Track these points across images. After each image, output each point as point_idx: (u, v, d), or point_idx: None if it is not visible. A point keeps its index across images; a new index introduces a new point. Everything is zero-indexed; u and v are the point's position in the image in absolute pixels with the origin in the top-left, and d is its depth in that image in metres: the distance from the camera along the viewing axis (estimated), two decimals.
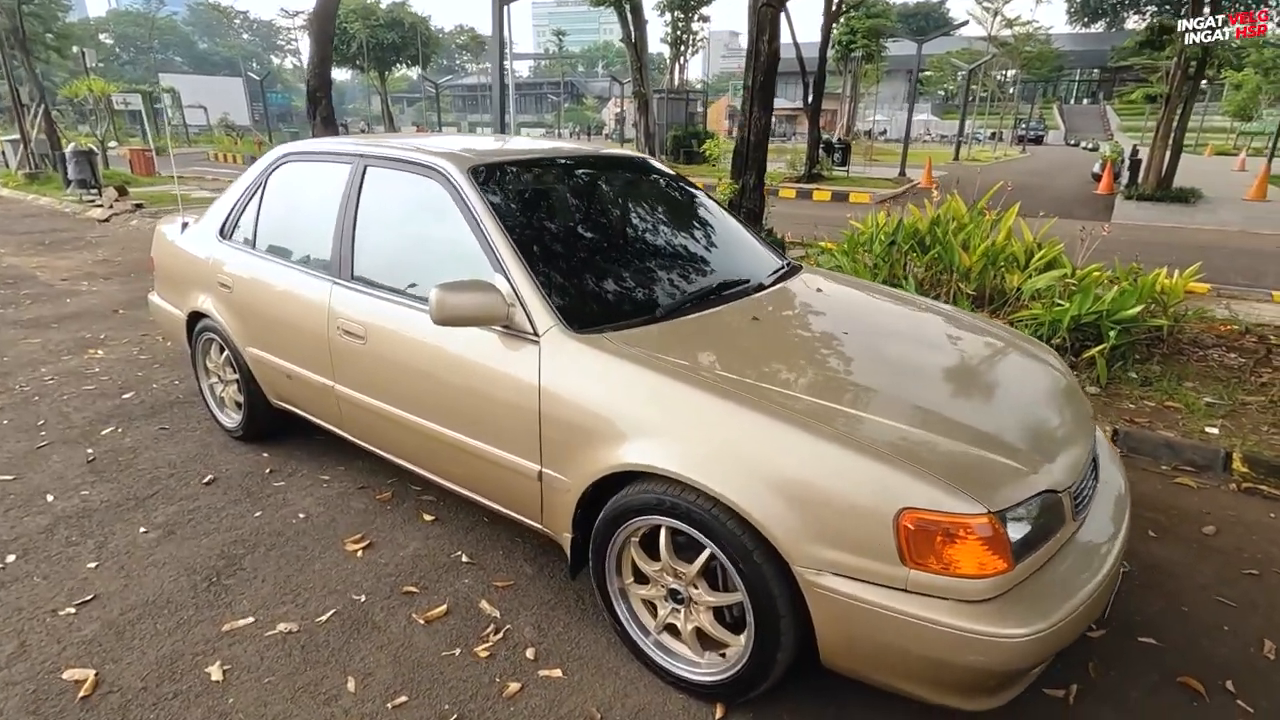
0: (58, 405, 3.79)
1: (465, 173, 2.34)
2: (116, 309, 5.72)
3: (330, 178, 2.80)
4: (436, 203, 2.40)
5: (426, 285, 2.30)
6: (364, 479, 3.07)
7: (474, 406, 2.17)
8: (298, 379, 2.82)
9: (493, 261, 2.16)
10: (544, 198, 2.55)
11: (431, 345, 2.24)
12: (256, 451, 3.30)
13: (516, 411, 2.05)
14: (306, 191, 2.94)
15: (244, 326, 3.02)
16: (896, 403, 1.82)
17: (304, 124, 41.79)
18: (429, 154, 2.46)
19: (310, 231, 2.84)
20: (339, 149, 2.80)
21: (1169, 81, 13.52)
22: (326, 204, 2.79)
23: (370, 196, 2.60)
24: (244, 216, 3.10)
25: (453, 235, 2.34)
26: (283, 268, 2.82)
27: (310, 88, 11.15)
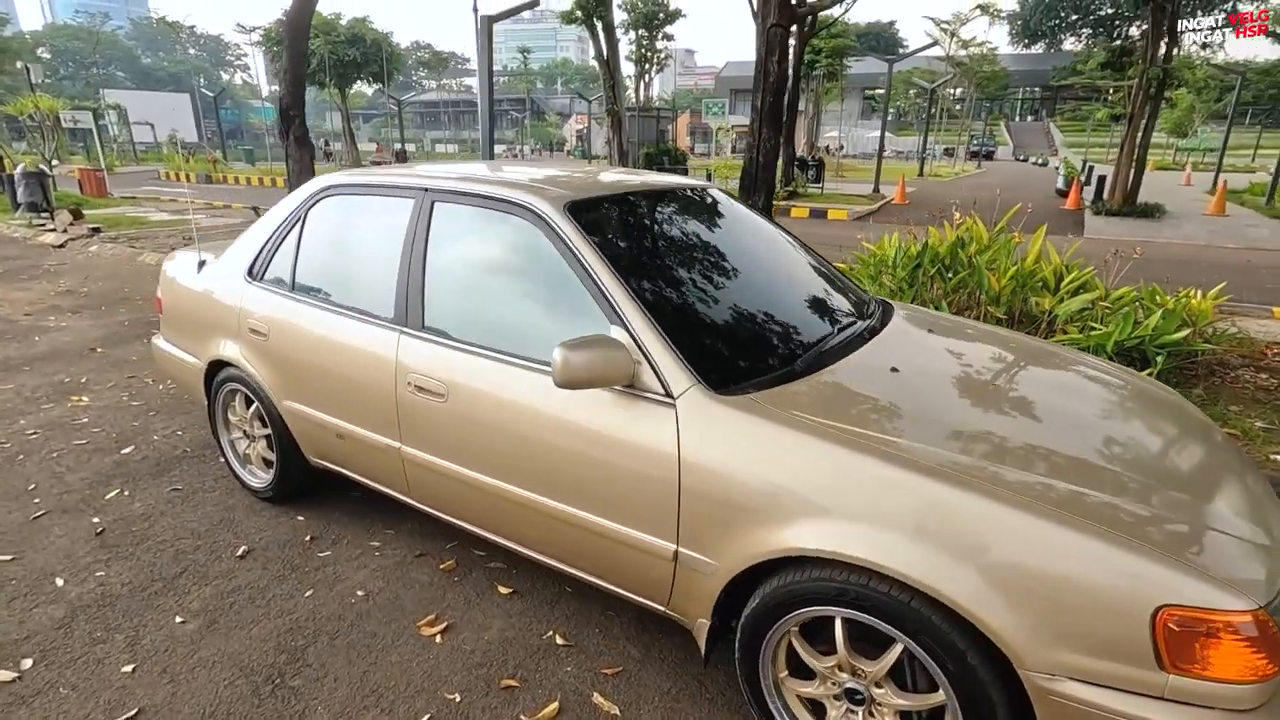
0: (48, 464, 3.38)
1: (561, 210, 2.10)
2: (93, 347, 5.25)
3: (387, 214, 2.53)
4: (526, 244, 2.16)
5: (518, 337, 2.07)
6: (419, 544, 2.76)
7: (589, 477, 1.92)
8: (351, 438, 2.52)
9: (607, 311, 1.92)
10: (645, 235, 2.31)
11: (536, 407, 1.98)
12: (289, 515, 2.96)
13: (646, 484, 1.81)
14: (357, 229, 2.65)
15: (281, 378, 2.70)
16: (1104, 474, 1.64)
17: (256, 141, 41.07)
18: (514, 189, 2.21)
19: (364, 274, 2.56)
20: (397, 182, 2.52)
21: (1131, 101, 13.98)
22: (384, 243, 2.51)
23: (442, 236, 2.33)
24: (278, 256, 2.78)
25: (549, 281, 2.10)
26: (332, 314, 2.52)
27: (283, 105, 10.72)
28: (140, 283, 7.64)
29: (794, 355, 2.03)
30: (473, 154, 53.56)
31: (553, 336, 2.00)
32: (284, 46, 10.92)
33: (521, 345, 2.07)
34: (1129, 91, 14.48)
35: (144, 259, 8.91)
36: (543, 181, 2.31)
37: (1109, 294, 4.91)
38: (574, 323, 2.00)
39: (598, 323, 1.93)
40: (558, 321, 2.06)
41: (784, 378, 1.90)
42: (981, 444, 1.71)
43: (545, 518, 2.04)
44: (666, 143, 23.39)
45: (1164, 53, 13.28)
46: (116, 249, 9.54)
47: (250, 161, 34.40)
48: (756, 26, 6.45)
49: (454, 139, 58.19)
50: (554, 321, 2.07)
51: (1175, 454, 1.89)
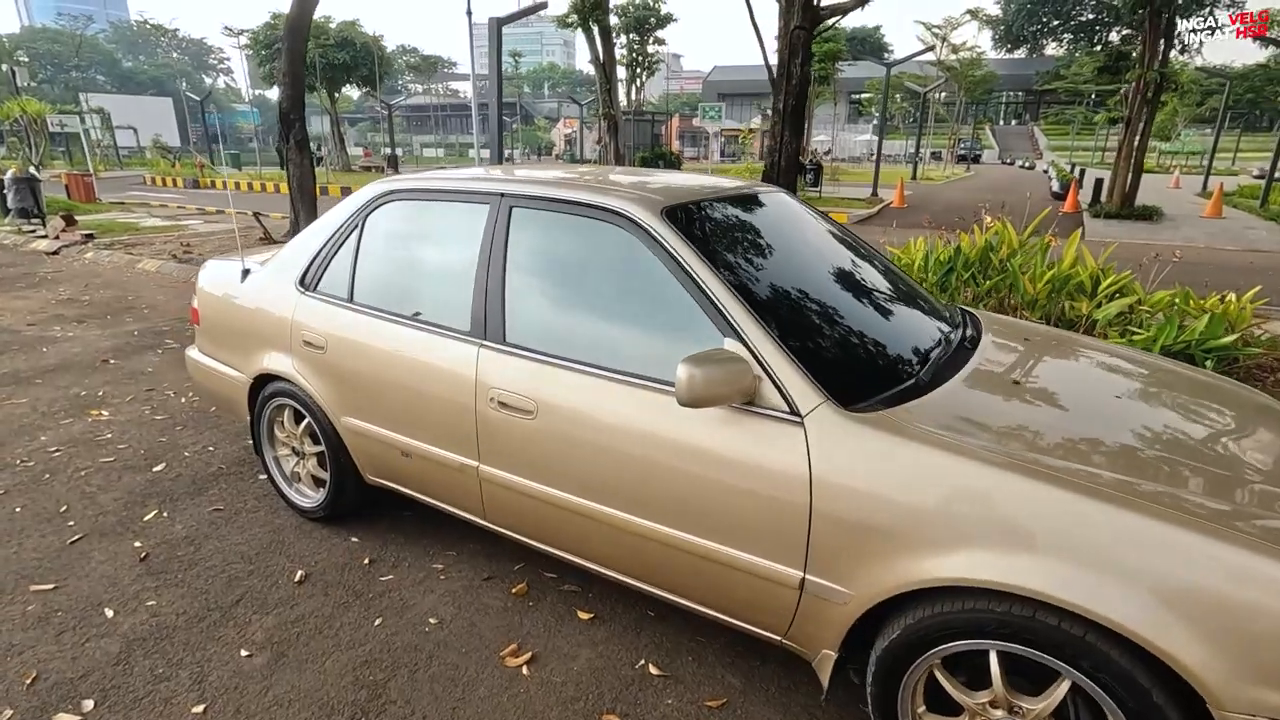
0: (77, 485, 3.21)
1: (659, 216, 1.99)
2: (105, 358, 5.06)
3: (458, 220, 2.41)
4: (620, 252, 2.05)
5: (616, 352, 1.96)
6: (485, 565, 2.63)
7: (704, 500, 1.80)
8: (419, 457, 2.39)
9: (718, 323, 1.81)
10: (743, 241, 2.21)
11: (641, 426, 1.87)
12: (342, 535, 2.82)
13: (771, 507, 1.70)
14: (423, 236, 2.52)
15: (339, 394, 2.57)
16: (1267, 494, 1.55)
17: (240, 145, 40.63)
18: (604, 194, 2.09)
19: (434, 284, 2.43)
20: (467, 186, 2.40)
21: (1128, 105, 14.09)
22: (456, 252, 2.39)
23: (522, 244, 2.21)
24: (334, 264, 2.65)
25: (648, 291, 1.99)
26: (399, 327, 2.39)
27: (283, 109, 10.57)
28: (143, 290, 7.43)
29: (912, 368, 1.94)
30: (461, 158, 53.27)
31: (656, 351, 1.91)
32: (283, 49, 10.77)
33: (621, 360, 1.95)
34: (1125, 95, 14.60)
35: (143, 266, 8.68)
36: (629, 186, 2.20)
37: (1147, 298, 4.88)
38: (679, 336, 1.89)
39: (706, 335, 1.83)
40: (661, 335, 1.95)
41: (909, 392, 1.80)
42: (1139, 462, 1.62)
43: (647, 542, 1.93)
44: (661, 146, 23.34)
45: (1160, 57, 13.40)
46: (114, 256, 9.30)
47: (237, 166, 33.95)
48: (779, 29, 6.38)
49: (441, 143, 57.80)
50: (656, 335, 1.96)
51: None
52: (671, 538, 1.87)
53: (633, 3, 29.51)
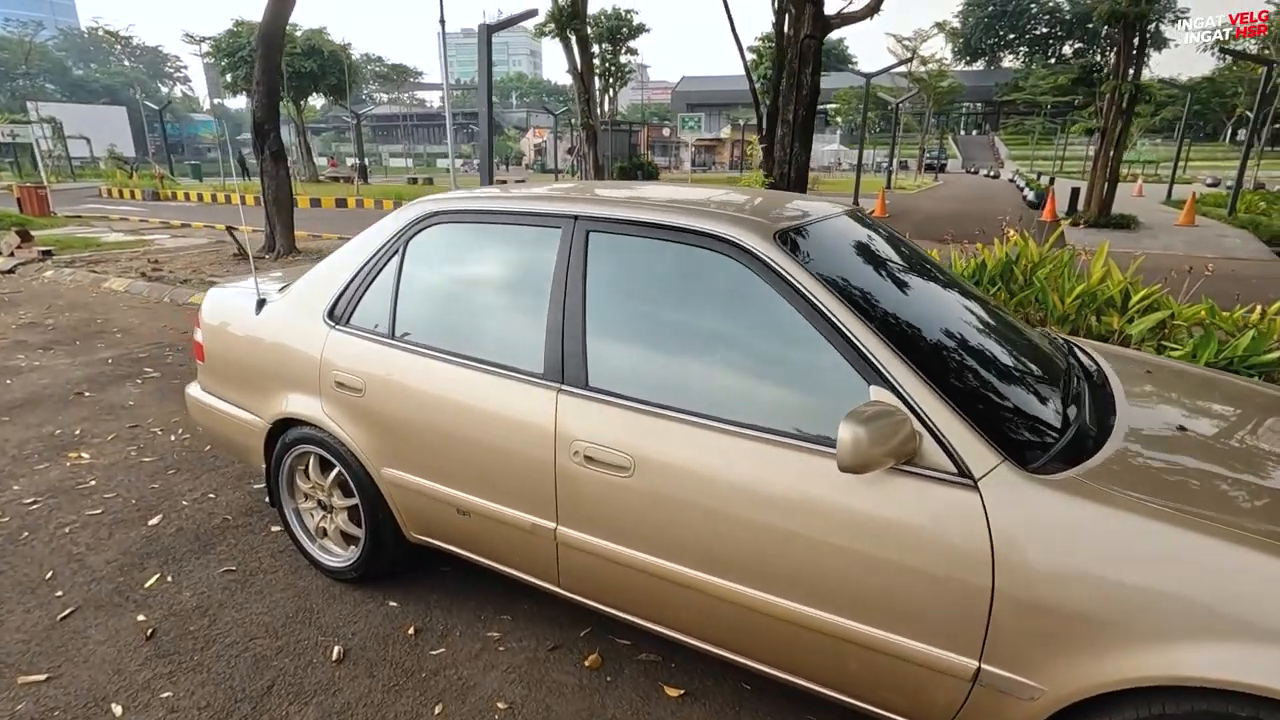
0: (62, 544, 2.83)
1: (773, 242, 1.74)
2: (79, 391, 4.62)
3: (522, 246, 2.13)
4: (727, 284, 1.79)
5: (728, 400, 1.71)
6: (547, 632, 2.34)
7: (850, 575, 1.55)
8: (480, 516, 2.09)
9: (861, 368, 1.56)
10: (862, 273, 1.95)
11: (772, 489, 1.61)
12: (377, 599, 2.50)
13: (938, 586, 1.45)
14: (478, 264, 2.23)
15: (381, 443, 2.26)
16: None
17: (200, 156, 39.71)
18: (704, 217, 1.84)
19: (495, 319, 2.15)
20: (530, 208, 2.12)
21: (1104, 116, 14.33)
22: (522, 282, 2.11)
23: (604, 274, 1.94)
24: (369, 295, 2.34)
25: (764, 330, 1.75)
26: (455, 367, 2.09)
27: (256, 119, 10.13)
28: (112, 312, 6.94)
29: (1067, 417, 1.71)
30: (429, 168, 52.55)
31: (783, 401, 1.67)
32: (256, 58, 10.34)
33: (737, 411, 1.69)
34: (1100, 107, 14.86)
35: (110, 285, 8.15)
36: (728, 207, 1.95)
37: (1180, 312, 4.79)
38: (810, 383, 1.66)
39: (842, 382, 1.58)
40: (787, 381, 1.71)
41: (1078, 447, 1.58)
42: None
43: (771, 621, 1.67)
44: (638, 156, 23.18)
45: (1134, 68, 13.65)
46: (76, 274, 8.73)
47: (198, 177, 32.90)
48: (789, 37, 6.22)
49: (408, 153, 56.96)
50: (781, 381, 1.72)
51: None
52: (806, 618, 1.61)
53: (604, 13, 29.42)
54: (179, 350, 5.58)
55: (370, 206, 20.47)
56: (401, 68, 50.21)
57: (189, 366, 5.14)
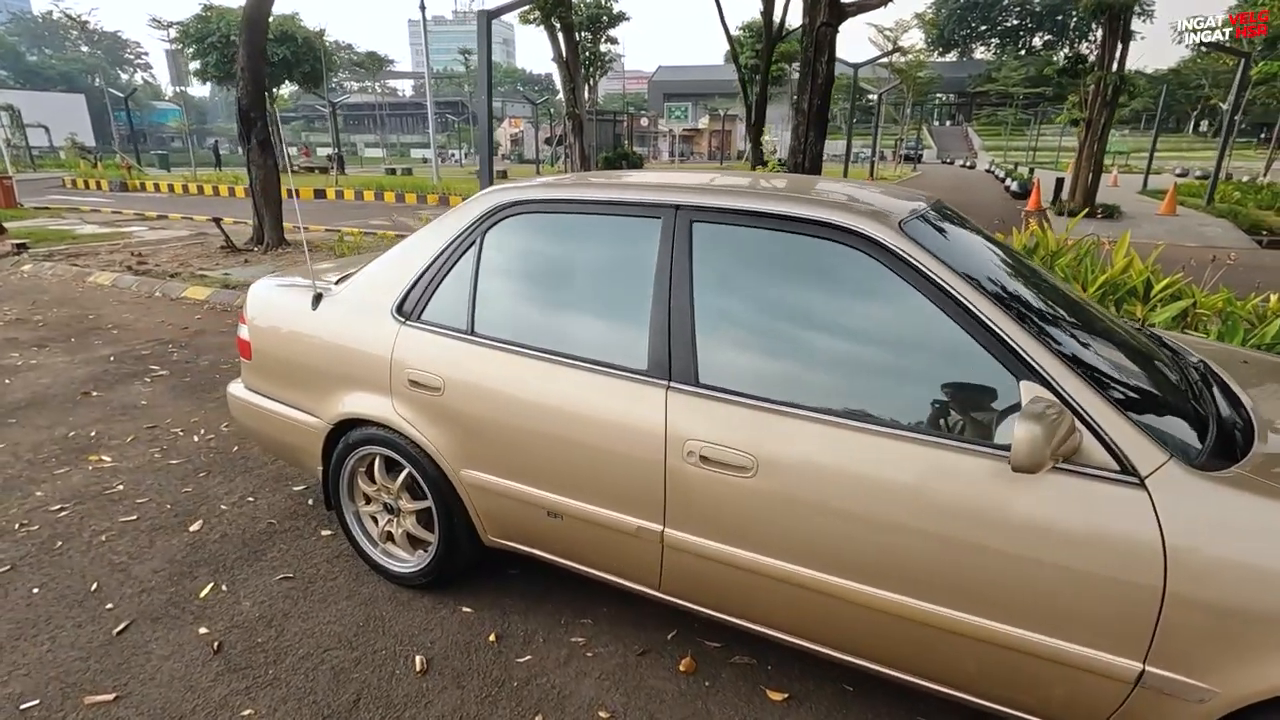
0: (101, 554, 2.68)
1: (899, 232, 1.68)
2: (85, 390, 4.41)
3: (616, 237, 2.05)
4: (849, 275, 1.73)
5: (858, 396, 1.66)
6: (632, 635, 2.27)
7: (1000, 577, 1.50)
8: (575, 518, 2.01)
9: (1010, 363, 1.51)
10: (987, 264, 1.90)
11: (914, 488, 1.56)
12: (449, 605, 2.40)
13: (1104, 588, 1.41)
14: (567, 257, 2.14)
15: (461, 443, 2.16)
16: None
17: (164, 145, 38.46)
18: (822, 206, 1.77)
19: (588, 314, 2.06)
20: (622, 197, 2.03)
21: (1089, 107, 14.53)
22: (617, 275, 2.03)
23: (711, 266, 1.87)
24: (443, 289, 2.23)
25: (893, 324, 1.69)
26: (547, 364, 2.00)
27: (242, 107, 9.83)
28: (103, 308, 6.67)
29: (1210, 410, 1.68)
30: (403, 158, 51.71)
31: (916, 395, 1.61)
32: (240, 43, 10.04)
33: (868, 407, 1.64)
34: (1084, 97, 15.07)
35: (95, 279, 7.85)
36: (842, 194, 1.88)
37: (1201, 300, 4.84)
38: (947, 378, 1.60)
39: (986, 378, 1.54)
40: (921, 376, 1.65)
41: (1231, 443, 1.54)
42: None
43: (909, 624, 1.62)
44: (623, 146, 23.00)
45: (1119, 60, 13.85)
46: (57, 268, 8.39)
47: (165, 167, 31.95)
48: (804, 25, 6.15)
49: (383, 143, 55.94)
50: (916, 377, 1.66)
51: None
52: (948, 620, 1.57)
53: (584, 1, 29.07)
54: (183, 347, 5.38)
55: (351, 198, 20.07)
56: (375, 55, 49.15)
57: (196, 364, 4.96)
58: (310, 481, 3.25)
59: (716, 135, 52.30)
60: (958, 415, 1.58)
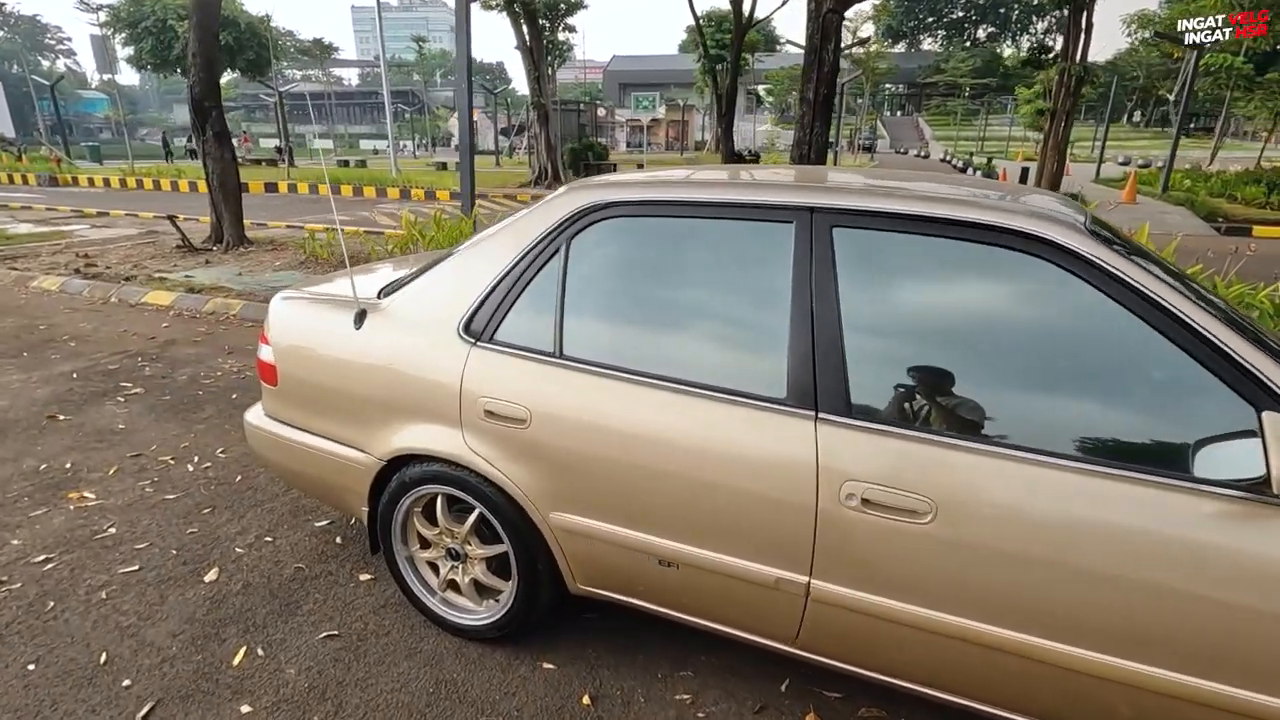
0: (104, 614, 2.31)
1: (1096, 240, 1.47)
2: (50, 413, 3.94)
3: (734, 244, 1.79)
4: (1031, 287, 1.53)
5: (1059, 429, 1.45)
6: (741, 689, 2.03)
7: (1224, 627, 1.31)
8: (693, 567, 1.75)
9: (1247, 389, 1.32)
10: (1175, 277, 1.70)
11: (1127, 528, 1.35)
12: (526, 661, 2.12)
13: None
14: (674, 266, 1.86)
15: (552, 482, 1.87)
16: None
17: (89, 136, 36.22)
18: (991, 210, 1.55)
19: (703, 333, 1.80)
20: (745, 197, 1.77)
21: (1054, 98, 14.77)
22: (738, 288, 1.78)
23: (860, 279, 1.63)
24: (520, 305, 1.94)
25: (1092, 343, 1.48)
26: (663, 393, 1.73)
27: (196, 97, 9.15)
28: (54, 316, 6.09)
29: None
30: (351, 149, 50.03)
31: (1129, 425, 1.42)
32: (191, 27, 9.36)
33: (1067, 439, 1.43)
34: (1048, 88, 15.32)
35: (40, 284, 7.19)
36: (997, 194, 1.66)
37: (1225, 292, 4.83)
38: (1162, 405, 1.40)
39: (1212, 404, 1.34)
40: (1133, 404, 1.44)
41: None
42: None
43: (1108, 684, 1.41)
44: (588, 136, 22.56)
45: (1082, 51, 14.10)
46: None
47: (97, 159, 30.11)
48: (808, 12, 5.95)
49: (330, 134, 54.00)
50: (1125, 405, 1.45)
51: None
52: (1152, 678, 1.37)
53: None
54: (154, 360, 4.90)
55: (305, 191, 19.21)
56: (321, 43, 47.27)
57: (173, 380, 4.51)
58: (334, 516, 2.91)
59: (674, 126, 52.09)
60: (1167, 446, 1.38)
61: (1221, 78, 19.65)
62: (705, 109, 55.75)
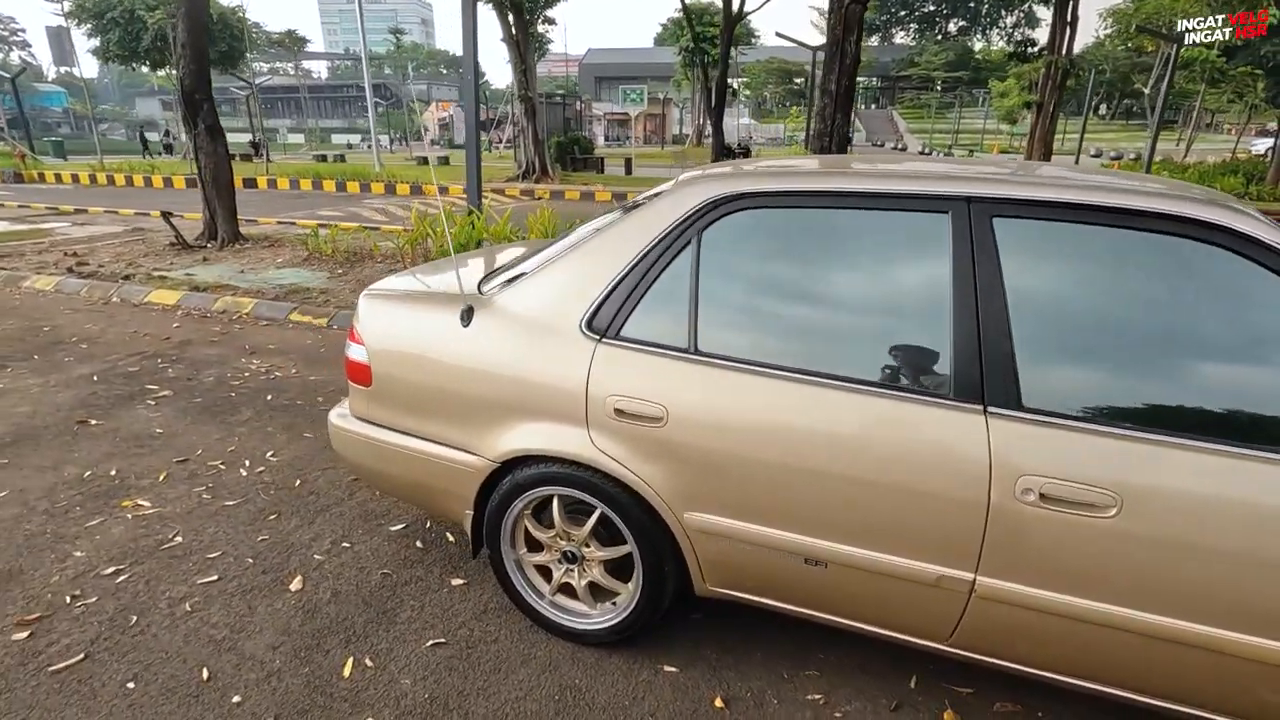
0: (194, 628, 2.20)
1: (1267, 224, 1.46)
2: (80, 418, 3.78)
3: (879, 235, 1.75)
4: (1208, 279, 1.51)
5: (1225, 414, 1.45)
6: (871, 687, 2.01)
7: None
8: (845, 566, 1.72)
9: None
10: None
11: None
12: (645, 664, 2.08)
13: None
14: (816, 258, 1.82)
15: (690, 482, 1.83)
16: None
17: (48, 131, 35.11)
18: (1167, 199, 1.53)
19: (851, 327, 1.76)
20: (891, 187, 1.73)
21: (1040, 90, 14.99)
22: (888, 280, 1.74)
23: (1023, 268, 1.60)
24: (649, 298, 1.88)
25: (1275, 329, 1.46)
26: (813, 388, 1.69)
27: (186, 89, 8.90)
28: (56, 317, 5.86)
29: None
30: (322, 143, 49.11)
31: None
32: (180, 17, 9.04)
33: (1254, 427, 1.42)
34: (1033, 83, 15.53)
35: (34, 285, 6.92)
36: (1163, 185, 1.65)
37: None
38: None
39: None
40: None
41: None
42: None
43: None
44: (573, 130, 22.38)
45: (1068, 45, 14.31)
46: None
47: (61, 155, 29.15)
48: (829, 4, 5.93)
49: (300, 128, 52.98)
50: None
51: None
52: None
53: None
54: (174, 361, 4.73)
55: (286, 187, 18.79)
56: (294, 35, 46.21)
57: (200, 381, 4.36)
58: (408, 519, 2.82)
59: (652, 119, 51.98)
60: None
61: (1196, 71, 20.11)
62: (682, 103, 55.70)
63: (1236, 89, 22.45)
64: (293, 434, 3.61)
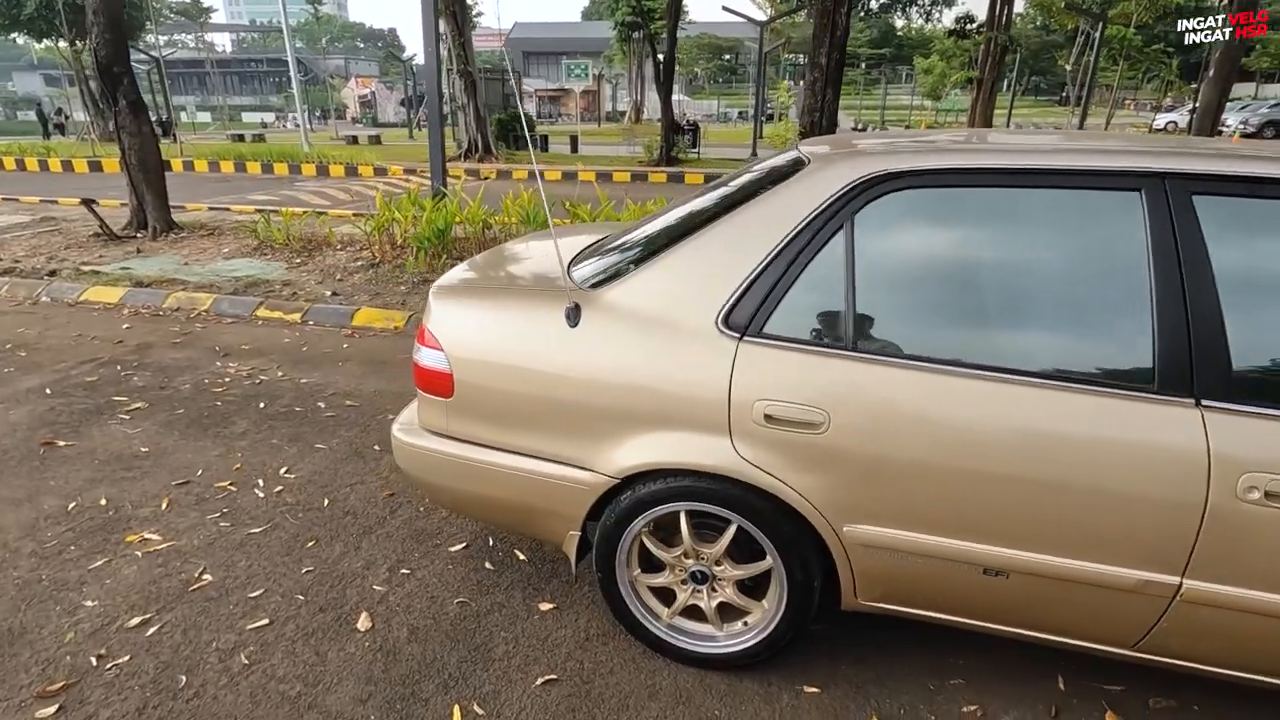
0: (260, 684, 1.90)
1: None
2: (44, 439, 3.30)
3: (1063, 216, 1.61)
4: None
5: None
6: (1020, 694, 1.91)
7: None
8: (1035, 574, 1.59)
9: None
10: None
11: None
12: (783, 688, 1.92)
13: None
14: (991, 242, 1.66)
15: (852, 492, 1.66)
16: None
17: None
18: None
19: (1038, 317, 1.62)
20: (1069, 163, 1.59)
21: (980, 66, 15.36)
22: (1074, 265, 1.60)
23: (1232, 250, 1.49)
24: (795, 290, 1.69)
25: None
26: (997, 385, 1.55)
27: (102, 61, 8.10)
28: (6, 321, 5.18)
29: None
30: (232, 122, 46.12)
31: None
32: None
33: None
34: (973, 57, 15.91)
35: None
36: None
37: None
38: None
39: None
40: None
41: None
42: None
43: None
44: (514, 106, 21.65)
45: (1006, 22, 14.69)
46: None
47: None
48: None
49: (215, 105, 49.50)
50: None
51: None
52: None
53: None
54: (137, 368, 4.23)
55: (204, 170, 17.48)
56: (199, 4, 42.89)
57: (176, 390, 3.91)
58: (468, 537, 2.57)
59: (585, 95, 51.03)
60: None
61: (1115, 48, 21.07)
62: (614, 79, 54.96)
63: (1150, 65, 23.69)
64: (302, 446, 3.26)
